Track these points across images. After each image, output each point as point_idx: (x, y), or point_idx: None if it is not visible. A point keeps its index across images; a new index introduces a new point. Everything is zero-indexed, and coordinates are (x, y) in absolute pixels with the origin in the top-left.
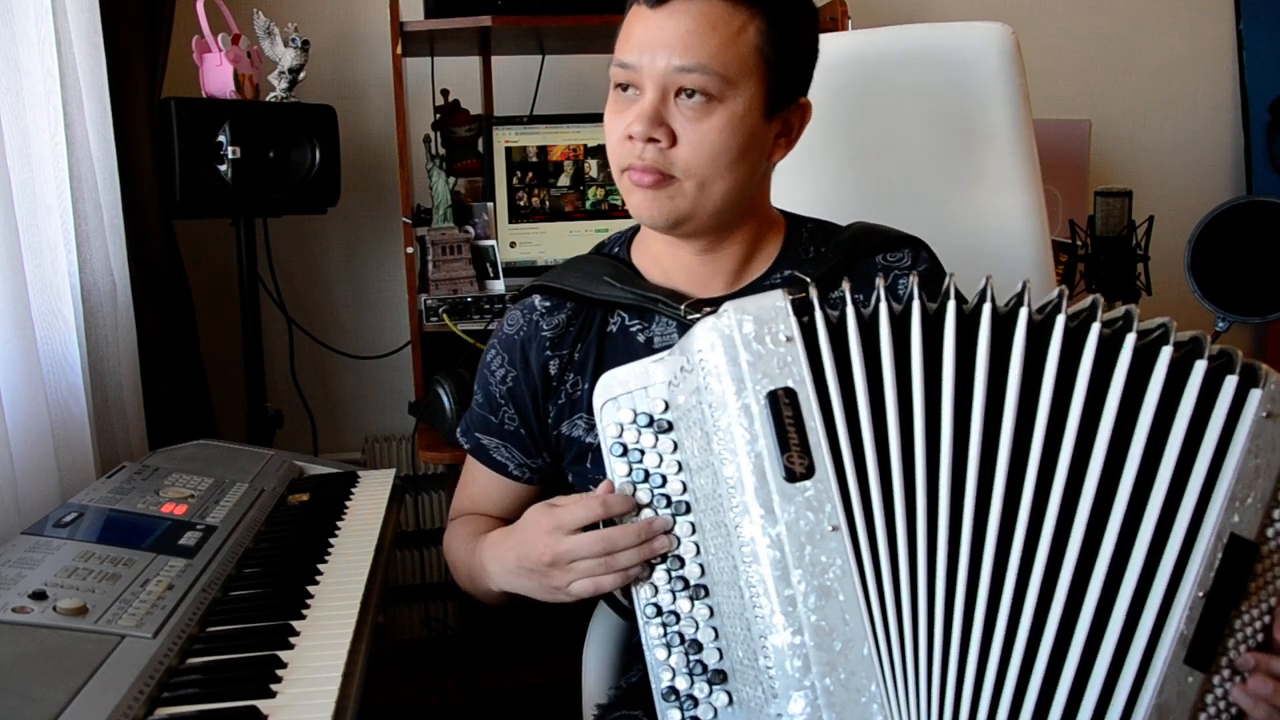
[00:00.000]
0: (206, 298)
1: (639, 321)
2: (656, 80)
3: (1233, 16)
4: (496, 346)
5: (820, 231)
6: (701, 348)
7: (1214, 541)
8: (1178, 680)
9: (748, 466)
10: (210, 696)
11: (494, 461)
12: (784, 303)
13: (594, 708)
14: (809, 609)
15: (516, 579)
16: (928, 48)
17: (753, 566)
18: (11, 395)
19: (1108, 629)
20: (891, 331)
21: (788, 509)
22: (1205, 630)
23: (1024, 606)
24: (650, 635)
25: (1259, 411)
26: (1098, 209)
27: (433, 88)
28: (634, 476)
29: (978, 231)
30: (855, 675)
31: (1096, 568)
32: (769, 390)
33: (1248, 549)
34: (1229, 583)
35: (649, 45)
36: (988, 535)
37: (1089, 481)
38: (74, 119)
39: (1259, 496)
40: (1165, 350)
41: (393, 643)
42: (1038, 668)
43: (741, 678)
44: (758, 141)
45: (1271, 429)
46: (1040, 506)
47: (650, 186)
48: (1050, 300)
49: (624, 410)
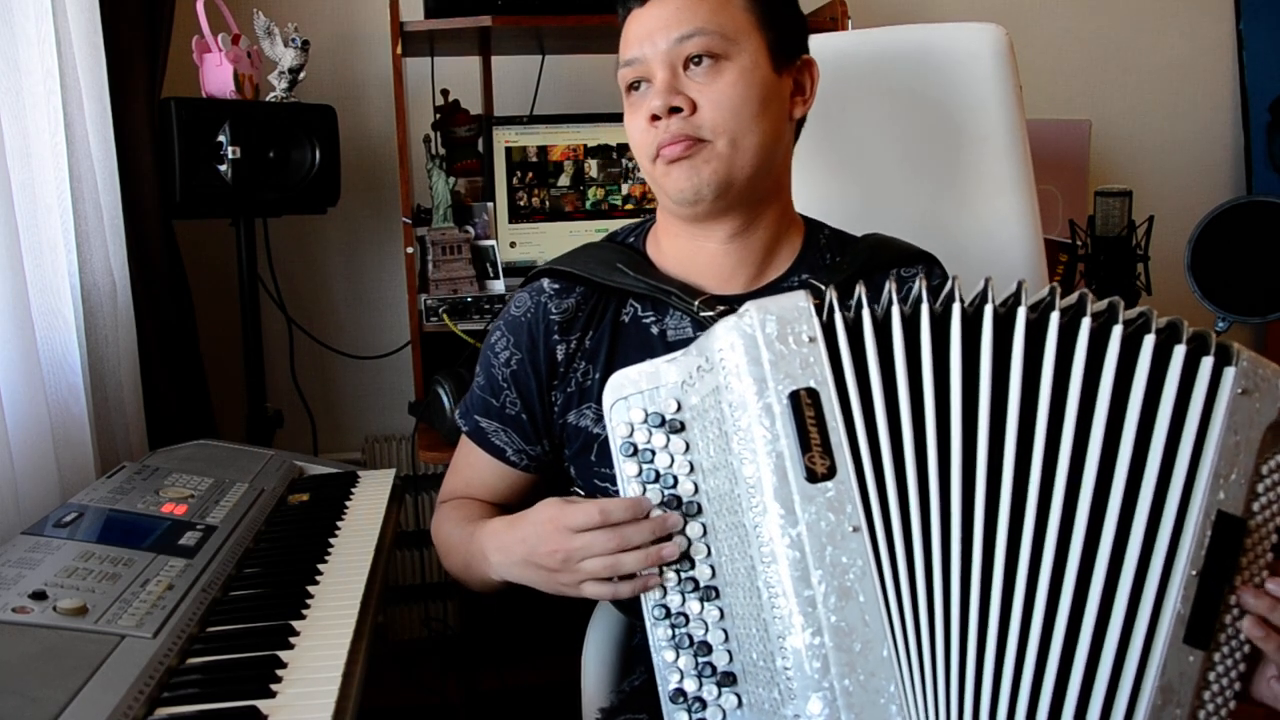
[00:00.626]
0: (206, 298)
1: (652, 313)
2: (662, 60)
3: (1233, 16)
4: (502, 328)
5: (836, 240)
6: (722, 347)
7: (1202, 520)
8: (1179, 660)
9: (768, 466)
10: (210, 696)
11: (491, 445)
12: (807, 303)
13: (596, 711)
14: (829, 610)
15: (524, 571)
16: (921, 48)
17: (771, 567)
18: (11, 395)
19: (1111, 618)
20: (904, 333)
21: (809, 509)
22: (1201, 609)
23: (1035, 604)
24: (658, 636)
25: (1234, 389)
26: (1098, 209)
27: (433, 88)
28: (644, 477)
29: (970, 232)
30: (875, 676)
31: (1099, 559)
32: (791, 390)
33: (1235, 525)
34: (1220, 560)
35: (648, 34)
36: (998, 534)
37: (1088, 474)
38: (74, 119)
39: (1241, 472)
40: (1149, 339)
41: (393, 643)
42: (1050, 663)
43: (754, 679)
44: (774, 94)
45: (1247, 405)
46: (1046, 501)
47: (685, 156)
48: (1042, 298)
49: (635, 410)
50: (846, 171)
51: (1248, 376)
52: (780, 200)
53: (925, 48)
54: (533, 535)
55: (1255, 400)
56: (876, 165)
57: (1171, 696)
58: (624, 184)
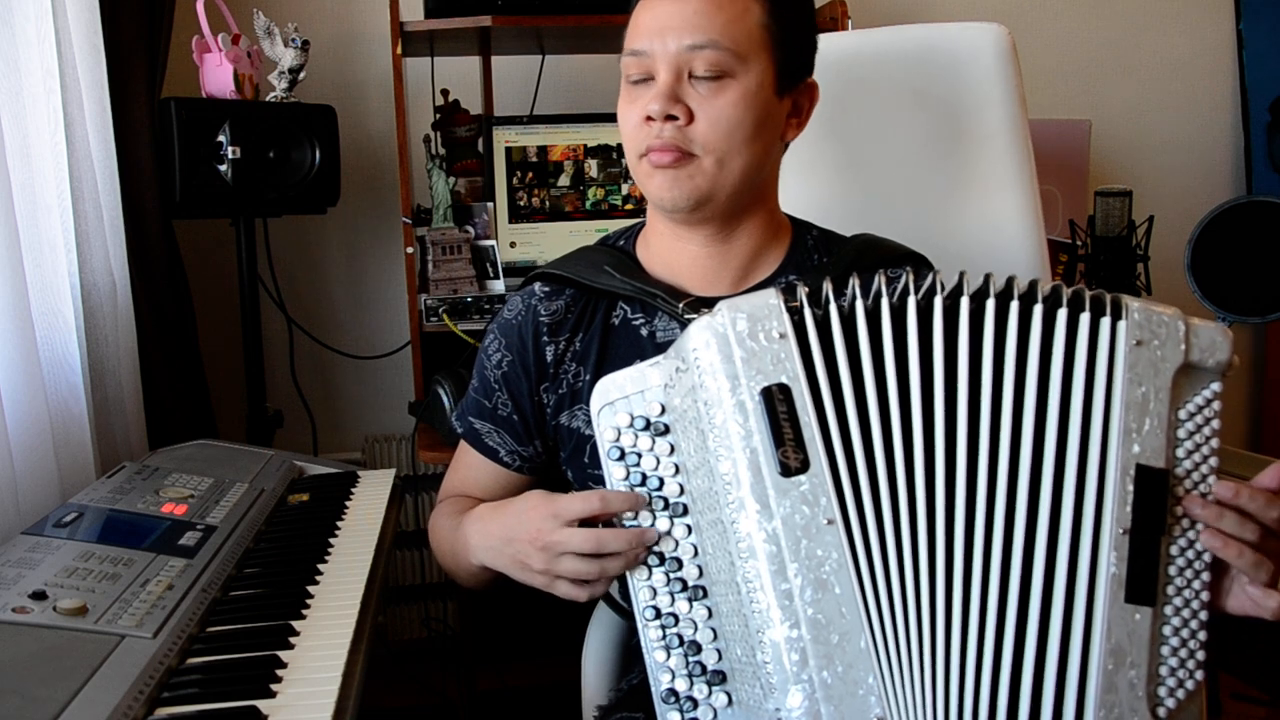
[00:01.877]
0: (206, 298)
1: (641, 315)
2: (670, 62)
3: (1233, 16)
4: (495, 332)
5: (825, 240)
6: (696, 346)
7: (1121, 476)
8: (1124, 621)
9: (743, 462)
10: (210, 696)
11: (486, 447)
12: (777, 300)
13: (594, 709)
14: (805, 602)
15: (497, 554)
16: (923, 48)
17: (749, 562)
18: (11, 395)
19: (1054, 591)
20: (868, 328)
21: (783, 503)
22: (1139, 566)
23: (990, 589)
24: (650, 637)
25: (1128, 342)
26: (1098, 209)
27: (433, 88)
28: (631, 480)
29: (973, 232)
30: (853, 668)
31: (1038, 536)
32: (763, 386)
33: (1158, 477)
34: (1149, 514)
35: (659, 30)
36: (955, 522)
37: (1024, 452)
38: (74, 119)
39: (1156, 423)
40: (1061, 312)
41: (393, 643)
42: (1007, 643)
43: (740, 676)
44: (771, 118)
45: (1146, 355)
46: (992, 485)
47: (671, 165)
48: (982, 285)
49: (621, 414)
50: (849, 172)
51: (1141, 328)
52: (765, 207)
53: (928, 47)
54: (516, 518)
55: (1154, 349)
56: (879, 165)
57: (1123, 658)
58: (624, 184)
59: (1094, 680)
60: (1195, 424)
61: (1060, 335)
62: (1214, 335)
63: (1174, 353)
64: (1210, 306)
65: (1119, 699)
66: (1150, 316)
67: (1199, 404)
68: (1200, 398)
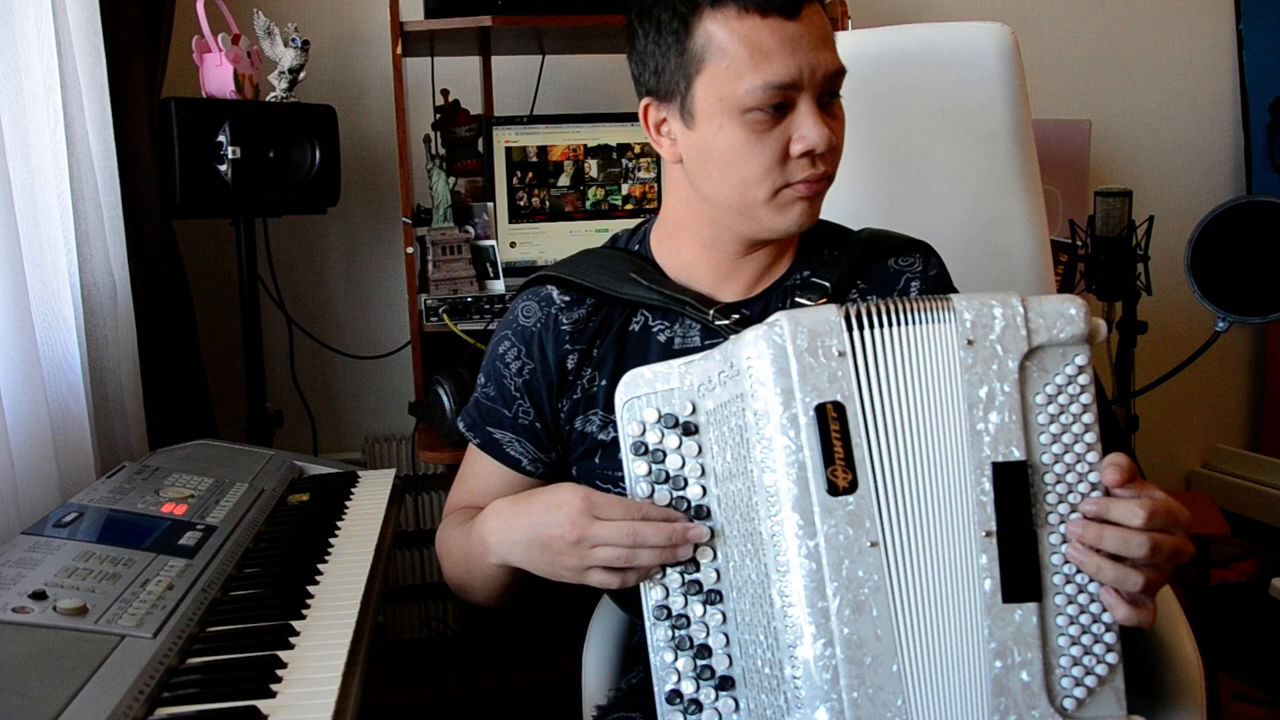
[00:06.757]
0: (206, 298)
1: (662, 321)
2: (815, 89)
3: (1233, 16)
4: (511, 338)
5: (832, 233)
6: (750, 355)
7: (976, 477)
8: (1006, 620)
9: (789, 476)
10: (210, 696)
11: (508, 457)
12: (839, 317)
13: (593, 708)
14: (842, 622)
15: (526, 551)
16: (927, 48)
17: (786, 576)
18: (11, 395)
19: (957, 606)
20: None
21: (828, 521)
22: (1011, 564)
23: (950, 611)
24: (657, 637)
25: (958, 344)
26: (1098, 209)
27: (433, 88)
28: (653, 477)
29: (977, 231)
30: (883, 690)
31: (954, 554)
32: (817, 403)
33: (1018, 471)
34: (1012, 510)
35: (804, 58)
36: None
37: (953, 474)
38: (74, 119)
39: (1009, 419)
40: (900, 330)
41: (393, 643)
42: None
43: (755, 685)
44: None
45: (976, 353)
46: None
47: (813, 195)
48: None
49: (648, 410)
50: (851, 172)
51: (973, 328)
52: None
53: (930, 47)
54: (545, 514)
55: (989, 345)
56: (883, 164)
57: (1010, 656)
58: (624, 184)
59: (983, 686)
60: (1059, 405)
61: (901, 352)
62: (1059, 309)
63: (1015, 341)
64: (1210, 306)
65: (1014, 700)
66: (981, 311)
67: (1059, 383)
68: (1061, 375)
